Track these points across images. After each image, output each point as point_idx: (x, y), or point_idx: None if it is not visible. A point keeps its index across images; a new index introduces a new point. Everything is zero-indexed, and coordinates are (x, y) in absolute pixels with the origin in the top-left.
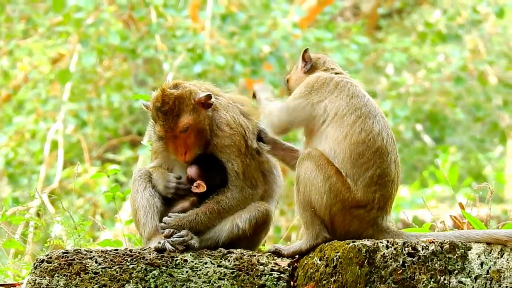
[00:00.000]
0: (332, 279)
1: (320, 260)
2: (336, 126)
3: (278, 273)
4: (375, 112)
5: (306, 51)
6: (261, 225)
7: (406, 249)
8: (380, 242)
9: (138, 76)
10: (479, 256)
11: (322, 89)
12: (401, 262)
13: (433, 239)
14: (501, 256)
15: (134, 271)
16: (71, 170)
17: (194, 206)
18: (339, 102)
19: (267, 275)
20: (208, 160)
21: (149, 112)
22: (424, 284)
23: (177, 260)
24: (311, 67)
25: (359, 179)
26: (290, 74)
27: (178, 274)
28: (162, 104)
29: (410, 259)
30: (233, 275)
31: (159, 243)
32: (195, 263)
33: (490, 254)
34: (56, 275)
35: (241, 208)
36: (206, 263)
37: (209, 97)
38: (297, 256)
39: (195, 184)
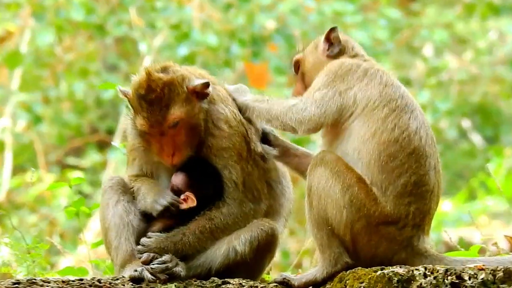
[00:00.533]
0: None
1: None
2: (364, 120)
3: None
4: (412, 106)
5: (333, 30)
6: (264, 248)
7: (449, 278)
8: (416, 269)
9: (108, 60)
10: None
11: (348, 75)
12: None
13: (484, 265)
14: None
15: None
16: (22, 178)
17: (180, 224)
18: (371, 90)
19: None
20: (199, 166)
21: (127, 101)
22: None
23: None
24: (339, 51)
25: (388, 188)
26: (304, 56)
27: None
28: (148, 91)
29: None
30: None
31: (136, 271)
32: None
33: None
34: None
35: (240, 227)
36: None
37: (206, 85)
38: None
39: (182, 196)
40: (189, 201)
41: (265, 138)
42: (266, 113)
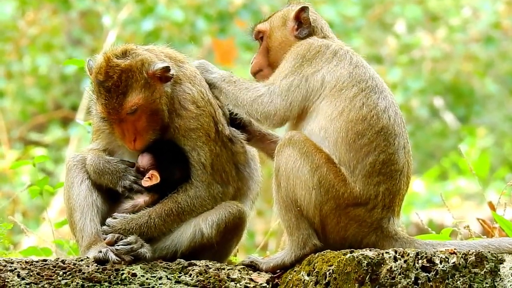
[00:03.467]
0: None
1: (308, 275)
2: (331, 100)
3: None
4: (382, 87)
5: (304, 9)
6: (232, 230)
7: (420, 261)
8: (386, 252)
9: (72, 34)
10: None
11: (316, 58)
12: (413, 279)
13: (455, 249)
14: None
15: None
16: None
17: (147, 205)
18: (340, 71)
19: None
20: (165, 148)
21: (91, 79)
22: None
23: (123, 274)
24: (308, 33)
25: (357, 167)
26: (270, 29)
27: None
28: (105, 78)
29: (425, 274)
30: None
31: (100, 252)
32: (147, 278)
33: None
34: None
35: (207, 209)
36: (160, 278)
37: (166, 69)
38: (278, 271)
39: (147, 175)
40: (153, 179)
41: (240, 123)
42: (233, 98)
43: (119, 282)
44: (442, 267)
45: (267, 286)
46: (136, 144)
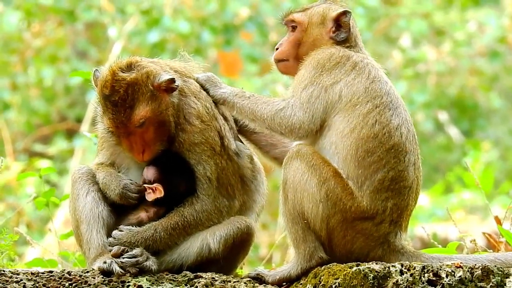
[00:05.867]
0: None
1: None
2: (345, 115)
3: None
4: (397, 103)
5: (346, 14)
6: (239, 245)
7: (426, 275)
8: (393, 265)
9: (78, 46)
10: None
11: (336, 69)
12: None
13: (461, 263)
14: None
15: None
16: None
17: (152, 219)
18: (357, 86)
19: None
20: (171, 160)
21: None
22: None
23: (129, 285)
24: (344, 38)
25: (365, 183)
26: (308, 23)
27: None
28: (111, 92)
29: None
30: None
31: (105, 263)
32: None
33: None
34: None
35: (213, 223)
36: None
37: (171, 81)
38: (284, 284)
39: (151, 187)
40: (157, 192)
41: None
42: (250, 113)
43: None
44: (448, 281)
45: None
46: (144, 156)
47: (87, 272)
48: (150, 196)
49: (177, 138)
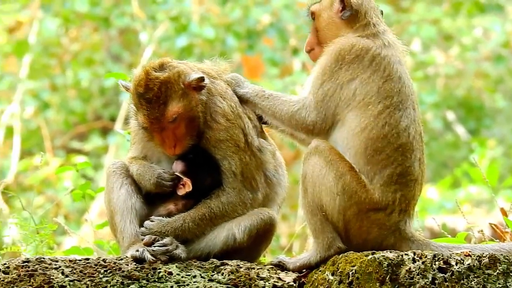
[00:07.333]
0: None
1: (332, 275)
2: (358, 113)
3: None
4: (407, 103)
5: None
6: (262, 236)
7: (437, 263)
8: (406, 254)
9: (112, 50)
10: None
11: (354, 63)
12: (430, 279)
13: (469, 251)
14: None
15: (109, 285)
16: (29, 162)
17: (181, 210)
18: (371, 85)
19: None
20: (199, 155)
21: (129, 94)
22: None
23: (160, 272)
24: (350, 15)
25: (374, 177)
26: (320, 10)
27: None
28: (146, 90)
29: (442, 275)
30: None
31: (137, 251)
32: (182, 277)
33: None
34: None
35: (238, 215)
36: (195, 276)
37: (201, 79)
38: (304, 271)
39: (181, 182)
40: (186, 187)
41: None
42: (270, 114)
43: (156, 280)
44: (458, 268)
45: (294, 285)
46: (176, 150)
47: (121, 259)
48: (181, 191)
49: (204, 135)
